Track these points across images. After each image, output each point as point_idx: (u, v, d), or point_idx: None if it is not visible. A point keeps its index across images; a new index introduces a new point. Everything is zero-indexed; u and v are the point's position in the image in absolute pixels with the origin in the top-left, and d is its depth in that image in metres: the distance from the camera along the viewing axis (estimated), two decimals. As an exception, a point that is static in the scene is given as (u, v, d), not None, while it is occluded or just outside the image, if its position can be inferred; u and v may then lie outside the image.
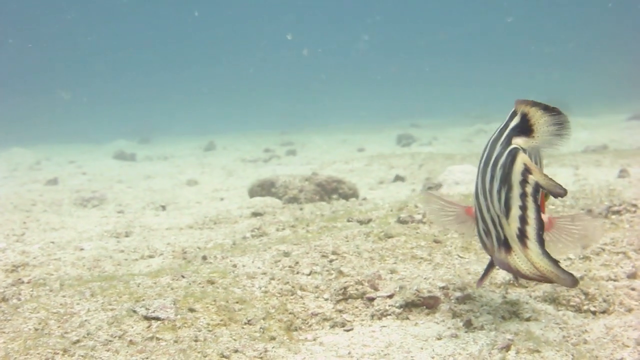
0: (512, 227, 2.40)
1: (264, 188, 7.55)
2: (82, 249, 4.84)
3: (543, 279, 2.39)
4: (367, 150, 15.21)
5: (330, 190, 7.16)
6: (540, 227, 2.36)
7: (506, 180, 2.38)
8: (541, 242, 2.36)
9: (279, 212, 6.06)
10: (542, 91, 30.96)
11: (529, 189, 2.34)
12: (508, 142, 2.42)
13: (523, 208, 2.36)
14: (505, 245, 2.46)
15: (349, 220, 4.82)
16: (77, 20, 66.80)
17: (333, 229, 4.53)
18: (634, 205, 4.39)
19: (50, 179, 10.82)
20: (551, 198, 5.34)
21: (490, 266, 2.78)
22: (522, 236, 2.38)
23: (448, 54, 60.31)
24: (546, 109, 2.38)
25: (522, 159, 2.35)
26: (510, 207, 2.38)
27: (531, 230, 2.36)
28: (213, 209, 7.06)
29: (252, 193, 7.67)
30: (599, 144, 11.80)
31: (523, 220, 2.37)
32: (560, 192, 2.27)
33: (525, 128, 2.40)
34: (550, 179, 2.31)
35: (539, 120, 2.39)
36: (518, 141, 2.40)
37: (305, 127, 27.44)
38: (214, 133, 25.45)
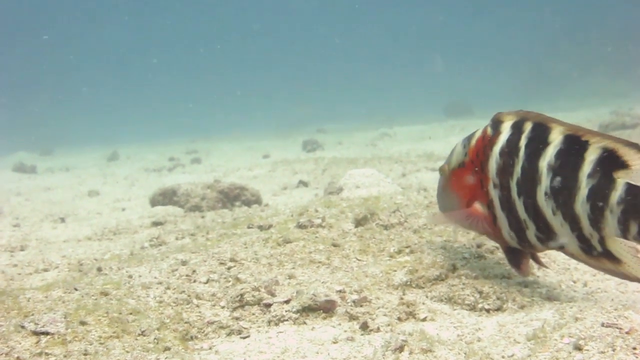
0: None
1: (166, 197, 7.45)
2: (-29, 265, 4.68)
3: None
4: (272, 156, 15.15)
5: (233, 197, 7.12)
6: None
7: None
8: None
9: (180, 221, 6.00)
10: (445, 94, 31.51)
11: None
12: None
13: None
14: None
15: (249, 227, 4.79)
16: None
17: (233, 236, 4.49)
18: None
19: (-58, 194, 10.42)
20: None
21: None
22: None
23: (354, 58, 60.76)
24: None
25: None
26: None
27: None
28: (113, 219, 6.94)
29: (154, 202, 7.57)
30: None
31: None
32: None
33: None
34: None
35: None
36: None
37: (212, 136, 27.19)
38: (119, 143, 24.91)
